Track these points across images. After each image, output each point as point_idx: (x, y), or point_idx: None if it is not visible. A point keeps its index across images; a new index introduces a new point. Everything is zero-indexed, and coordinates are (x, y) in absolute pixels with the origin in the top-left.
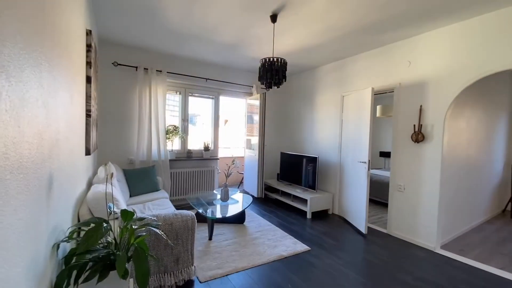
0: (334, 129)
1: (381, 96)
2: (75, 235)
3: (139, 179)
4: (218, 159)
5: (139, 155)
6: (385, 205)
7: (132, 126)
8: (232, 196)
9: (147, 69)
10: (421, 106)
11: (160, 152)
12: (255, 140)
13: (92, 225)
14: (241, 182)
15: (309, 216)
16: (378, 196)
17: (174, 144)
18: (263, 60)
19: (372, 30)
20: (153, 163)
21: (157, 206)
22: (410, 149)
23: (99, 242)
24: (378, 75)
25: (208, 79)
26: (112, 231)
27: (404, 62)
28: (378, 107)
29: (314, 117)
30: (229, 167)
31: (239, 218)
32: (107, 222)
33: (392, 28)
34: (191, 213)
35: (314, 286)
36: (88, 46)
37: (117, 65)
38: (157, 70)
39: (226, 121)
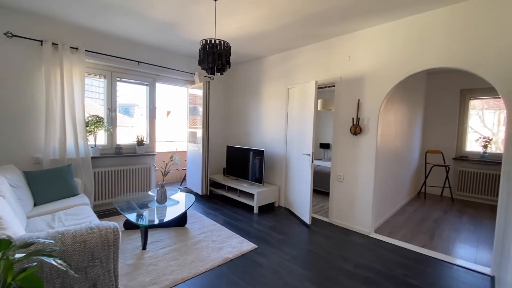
0: (280, 121)
1: (323, 91)
2: None
3: (48, 182)
4: (155, 154)
5: (49, 152)
6: (326, 194)
7: (37, 117)
8: (172, 197)
9: (57, 44)
10: (359, 100)
11: (78, 148)
12: (199, 133)
13: None
14: (184, 179)
15: (256, 211)
16: (319, 185)
17: (99, 139)
18: (203, 41)
19: (317, 21)
20: (69, 162)
21: (72, 216)
22: (349, 141)
23: None
24: (321, 68)
25: (141, 62)
26: None
27: (344, 57)
28: (319, 101)
29: (261, 109)
30: (166, 164)
31: (180, 221)
32: None
33: (336, 20)
34: (113, 224)
35: None
36: None
37: (11, 36)
38: (71, 47)
39: (168, 112)
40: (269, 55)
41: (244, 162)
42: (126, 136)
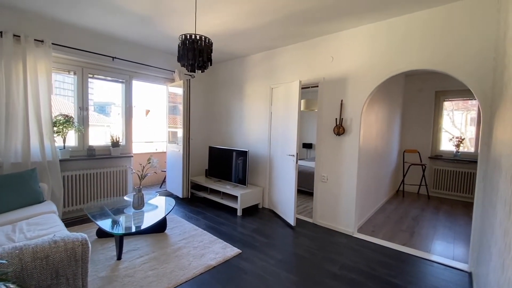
0: (263, 121)
1: (306, 91)
2: None
3: (9, 188)
4: (132, 156)
5: (10, 155)
6: (309, 194)
7: None
8: (150, 201)
9: (19, 36)
10: (342, 100)
11: (44, 150)
12: (179, 133)
13: None
14: (164, 182)
15: (239, 213)
16: (303, 185)
17: (69, 140)
18: (183, 36)
19: (300, 20)
20: (33, 166)
21: (36, 226)
22: (333, 141)
23: None
24: (305, 68)
25: (116, 58)
26: None
27: (328, 57)
28: (302, 101)
29: (244, 109)
30: (143, 166)
31: (159, 227)
32: None
33: (319, 19)
34: (82, 236)
35: None
36: None
37: None
38: (36, 40)
39: (147, 112)
40: (252, 54)
41: (227, 163)
42: (102, 136)
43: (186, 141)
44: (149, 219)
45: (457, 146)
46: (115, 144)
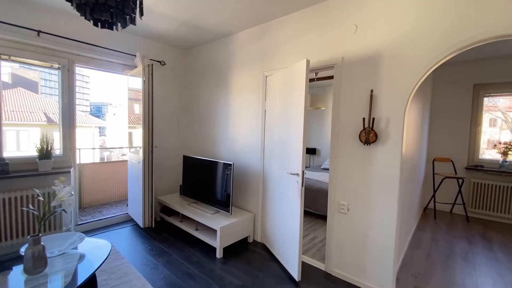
0: (255, 123)
1: (311, 85)
2: None
3: None
4: (71, 170)
5: None
6: (315, 216)
7: None
8: (69, 250)
9: None
10: (372, 91)
11: None
12: (138, 138)
13: None
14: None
15: (219, 255)
16: (306, 205)
17: None
18: None
19: None
20: None
21: None
22: (357, 153)
23: None
24: (312, 45)
25: (43, 32)
26: None
27: (349, 27)
28: None
29: (230, 106)
30: (40, 199)
31: None
32: None
33: None
34: None
35: None
36: None
37: None
38: None
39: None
40: (239, 31)
41: (206, 179)
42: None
43: (147, 150)
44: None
45: (504, 154)
46: (44, 155)
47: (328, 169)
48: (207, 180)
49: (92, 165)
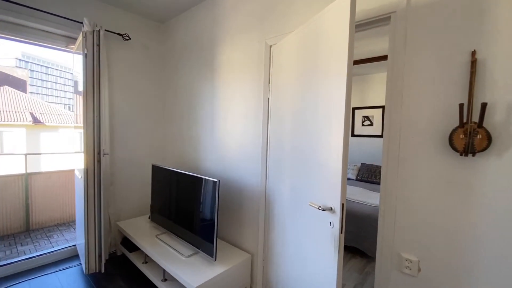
0: (253, 119)
1: None
2: None
3: None
4: None
5: None
6: (361, 255)
7: None
8: None
9: None
10: (474, 53)
11: None
12: (76, 143)
13: None
14: None
15: None
16: (347, 239)
17: None
18: None
19: None
20: None
21: None
22: (447, 171)
23: None
24: None
25: None
26: None
27: None
28: None
29: (217, 95)
30: None
31: None
32: None
33: None
34: None
35: None
36: None
37: None
38: None
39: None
40: None
41: (182, 200)
42: None
43: (92, 158)
44: None
45: None
46: None
47: (379, 183)
48: (183, 201)
49: (45, 174)
